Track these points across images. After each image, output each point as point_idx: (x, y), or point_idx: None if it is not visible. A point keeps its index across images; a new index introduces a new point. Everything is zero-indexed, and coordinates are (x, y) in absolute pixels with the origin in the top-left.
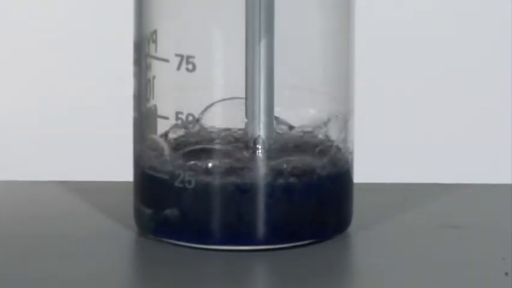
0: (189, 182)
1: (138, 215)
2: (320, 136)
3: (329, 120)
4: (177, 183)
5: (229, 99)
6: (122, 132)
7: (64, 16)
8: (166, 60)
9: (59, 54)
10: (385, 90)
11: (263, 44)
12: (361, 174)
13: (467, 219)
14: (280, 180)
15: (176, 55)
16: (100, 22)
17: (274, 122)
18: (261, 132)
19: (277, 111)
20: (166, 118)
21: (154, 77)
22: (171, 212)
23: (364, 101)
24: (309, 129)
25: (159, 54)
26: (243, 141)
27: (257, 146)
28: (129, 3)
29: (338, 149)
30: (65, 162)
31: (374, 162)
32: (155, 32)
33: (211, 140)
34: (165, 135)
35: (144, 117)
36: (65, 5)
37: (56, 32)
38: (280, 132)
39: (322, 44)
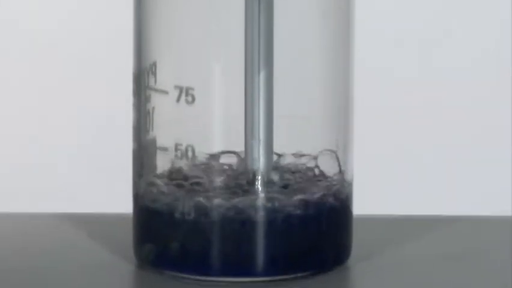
0: (188, 214)
1: (137, 247)
2: (319, 167)
3: (327, 151)
4: (176, 215)
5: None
6: (121, 163)
7: (64, 47)
8: (166, 92)
9: (58, 84)
10: (384, 122)
11: (262, 75)
12: (360, 206)
13: (467, 251)
14: (280, 213)
15: (176, 87)
16: (99, 54)
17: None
18: (260, 164)
19: (277, 142)
20: (165, 150)
21: (153, 109)
22: (170, 244)
23: (363, 132)
24: (308, 159)
25: (158, 86)
26: (242, 174)
27: (256, 178)
28: (128, 35)
29: (337, 180)
30: (64, 194)
31: (374, 194)
32: (154, 64)
33: (210, 173)
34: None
35: (143, 149)
36: (65, 33)
37: (57, 59)
38: (280, 163)
39: (321, 75)
